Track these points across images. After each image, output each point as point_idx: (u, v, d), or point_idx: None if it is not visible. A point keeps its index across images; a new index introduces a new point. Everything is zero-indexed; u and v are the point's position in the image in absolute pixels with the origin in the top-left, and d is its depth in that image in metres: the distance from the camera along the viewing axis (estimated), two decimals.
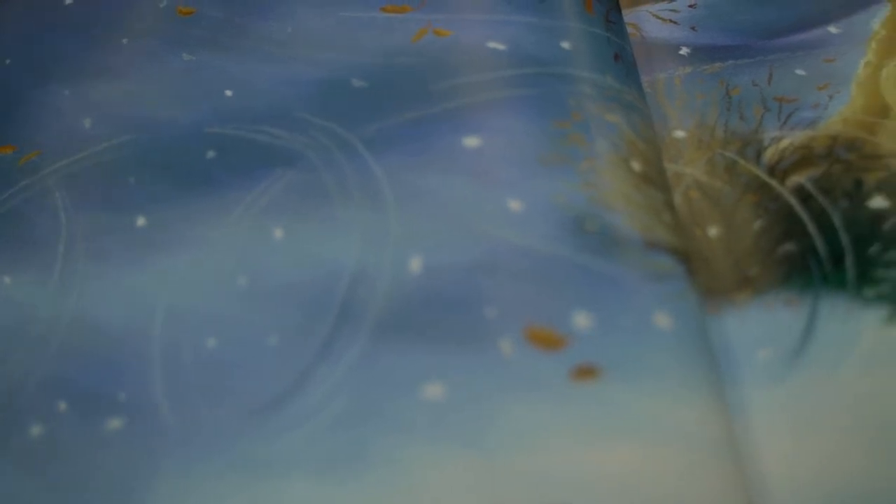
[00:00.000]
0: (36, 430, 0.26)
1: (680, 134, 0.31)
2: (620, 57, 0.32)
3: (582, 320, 0.26)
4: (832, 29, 0.34)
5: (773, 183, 0.30)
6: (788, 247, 0.28)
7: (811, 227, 0.29)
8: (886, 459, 0.25)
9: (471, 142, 0.30)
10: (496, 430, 0.25)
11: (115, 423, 0.26)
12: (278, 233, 0.29)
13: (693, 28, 0.34)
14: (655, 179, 0.29)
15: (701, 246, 0.29)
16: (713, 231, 0.29)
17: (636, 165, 0.29)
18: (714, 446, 0.24)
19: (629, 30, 0.34)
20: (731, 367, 0.27)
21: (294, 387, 0.26)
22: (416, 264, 0.27)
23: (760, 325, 0.27)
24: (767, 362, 0.26)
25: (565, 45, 0.32)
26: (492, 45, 0.32)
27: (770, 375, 0.26)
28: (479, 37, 0.32)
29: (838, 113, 0.31)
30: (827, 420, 0.25)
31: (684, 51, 0.34)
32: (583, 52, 0.31)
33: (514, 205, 0.28)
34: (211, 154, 0.31)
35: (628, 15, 0.35)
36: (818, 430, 0.25)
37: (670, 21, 0.35)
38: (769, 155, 0.30)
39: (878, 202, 0.29)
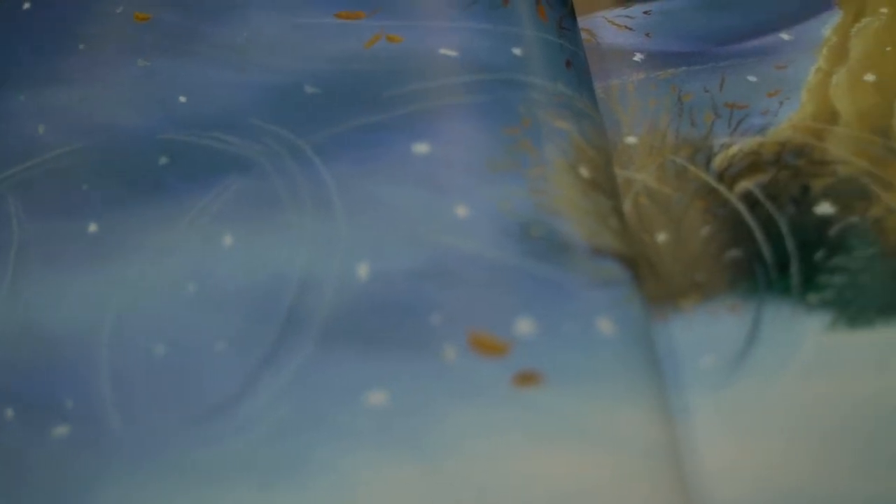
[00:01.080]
0: None
1: (632, 140, 0.32)
2: (573, 63, 0.32)
3: (525, 326, 0.26)
4: (784, 36, 0.34)
5: (722, 189, 0.30)
6: (735, 253, 0.29)
7: (758, 234, 0.29)
8: (827, 465, 0.25)
9: (421, 148, 0.30)
10: (439, 436, 0.25)
11: (61, 431, 0.26)
12: (228, 240, 0.29)
13: (647, 34, 0.34)
14: (604, 185, 0.29)
15: (649, 252, 0.29)
16: (661, 237, 0.29)
17: (585, 172, 0.29)
18: (655, 452, 0.25)
19: (584, 36, 0.34)
20: (675, 373, 0.27)
21: (239, 393, 0.26)
22: (363, 271, 0.28)
23: (705, 330, 0.27)
24: (711, 368, 0.27)
25: (517, 51, 0.32)
26: (444, 51, 0.32)
27: (713, 381, 0.26)
28: (431, 43, 0.32)
29: (788, 119, 0.31)
30: (768, 426, 0.26)
31: (638, 57, 0.34)
32: (534, 58, 0.31)
33: (462, 211, 0.28)
34: (164, 160, 0.31)
35: (584, 21, 0.35)
36: (760, 436, 0.26)
37: (625, 27, 0.35)
38: (718, 161, 0.31)
39: (824, 208, 0.29)
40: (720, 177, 0.30)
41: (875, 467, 0.25)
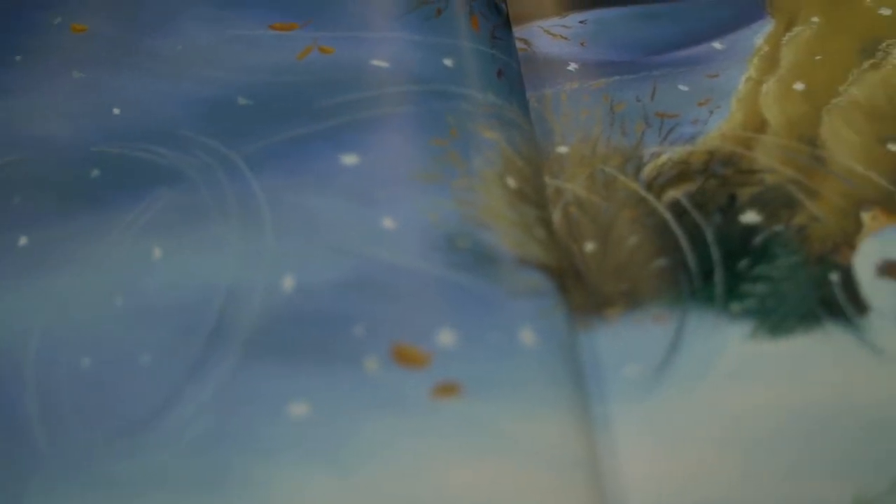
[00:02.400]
0: None
1: (563, 149, 0.32)
2: (504, 73, 0.32)
3: (447, 338, 0.26)
4: (717, 45, 0.34)
5: (650, 198, 0.30)
6: (661, 262, 0.29)
7: (684, 243, 0.29)
8: (748, 473, 0.25)
9: (349, 160, 0.30)
10: (359, 448, 0.25)
11: None
12: (157, 252, 0.29)
13: (582, 44, 0.35)
14: (531, 196, 0.30)
15: (577, 261, 0.29)
16: (589, 247, 0.29)
17: (512, 182, 0.30)
18: (574, 463, 0.25)
19: (520, 45, 0.35)
20: (599, 383, 0.27)
21: (163, 406, 0.26)
22: (288, 283, 0.28)
23: (629, 340, 0.27)
24: (634, 378, 0.27)
25: (448, 62, 0.32)
26: (375, 62, 0.32)
27: (636, 391, 0.27)
28: (362, 54, 0.32)
29: (717, 128, 0.32)
30: (689, 435, 0.26)
31: (572, 66, 0.34)
32: (465, 69, 0.32)
33: (388, 223, 0.28)
34: (95, 173, 0.31)
35: (520, 30, 0.35)
36: (680, 445, 0.26)
37: (561, 37, 0.35)
38: (648, 170, 0.31)
39: (750, 217, 0.29)
40: (649, 186, 0.30)
41: (795, 475, 0.25)
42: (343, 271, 0.28)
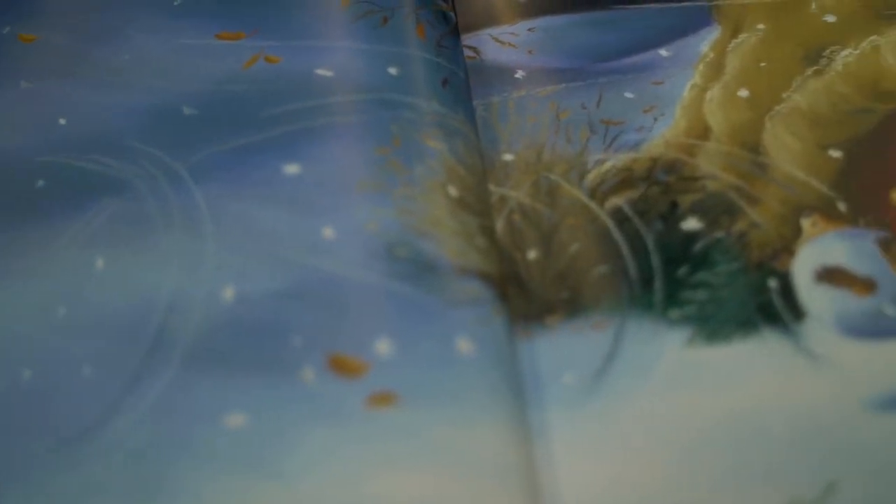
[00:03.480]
0: None
1: (509, 157, 0.32)
2: (450, 81, 0.32)
3: (384, 347, 0.26)
4: (663, 52, 0.34)
5: (592, 205, 0.30)
6: (601, 269, 0.29)
7: (625, 250, 0.29)
8: (684, 480, 0.25)
9: (292, 169, 0.30)
10: (295, 458, 0.25)
11: None
12: (100, 263, 0.29)
13: (530, 51, 0.35)
14: (473, 204, 0.30)
15: (519, 269, 0.29)
16: (532, 254, 0.30)
17: (454, 191, 0.30)
18: (510, 472, 0.25)
19: (469, 53, 0.35)
20: (537, 391, 0.27)
21: (103, 418, 0.26)
22: (228, 293, 0.28)
23: (568, 348, 0.28)
24: (572, 385, 0.27)
25: (393, 70, 0.32)
26: (320, 71, 0.32)
27: (573, 398, 0.27)
28: (308, 63, 0.32)
29: (661, 135, 0.32)
30: (626, 442, 0.26)
31: (520, 74, 0.34)
32: (410, 77, 0.32)
33: (329, 232, 0.28)
34: (41, 183, 0.31)
35: (469, 38, 0.35)
36: (617, 452, 0.26)
37: (509, 44, 0.35)
38: (591, 178, 0.31)
39: (691, 224, 0.30)
40: (592, 193, 0.31)
41: (730, 481, 0.25)
42: (282, 281, 0.28)
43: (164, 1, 0.35)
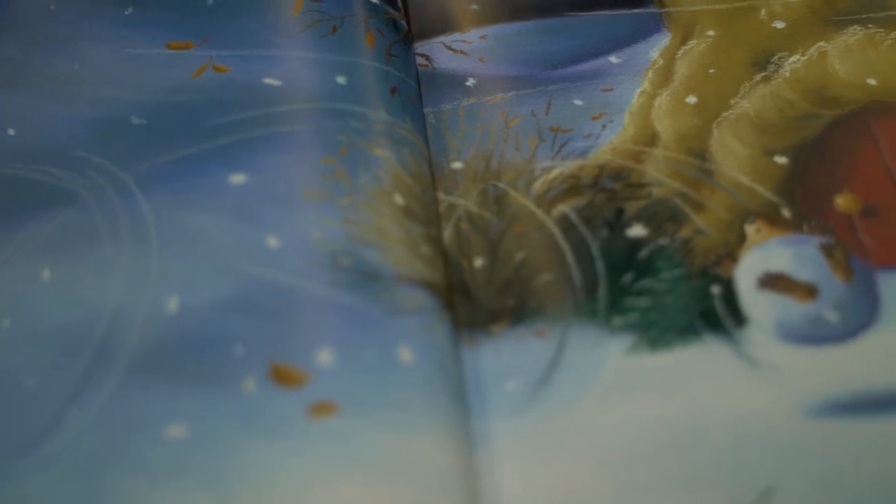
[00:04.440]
0: None
1: (458, 165, 0.32)
2: (399, 90, 0.32)
3: (325, 357, 0.26)
4: (613, 59, 0.34)
5: (539, 213, 0.30)
6: (546, 277, 0.29)
7: (570, 257, 0.29)
8: (624, 487, 0.26)
9: (238, 179, 0.30)
10: (235, 469, 0.25)
11: None
12: (46, 274, 0.29)
13: (481, 59, 0.35)
14: (418, 213, 0.30)
15: (466, 277, 0.29)
16: (478, 262, 0.30)
17: (400, 199, 0.30)
18: (449, 480, 0.25)
19: (421, 61, 0.35)
20: (480, 399, 0.27)
21: (45, 430, 0.26)
22: (172, 304, 0.28)
23: (512, 355, 0.28)
24: (514, 393, 0.27)
25: (341, 79, 0.32)
26: (268, 80, 0.32)
27: (515, 406, 0.27)
28: (256, 72, 0.32)
29: (609, 142, 0.32)
30: (567, 449, 0.26)
31: (471, 82, 0.34)
32: (358, 86, 0.32)
33: (273, 241, 0.29)
34: None
35: (422, 46, 0.35)
36: (558, 460, 0.26)
37: (461, 52, 0.35)
38: (539, 185, 0.31)
39: (636, 230, 0.30)
40: (539, 201, 0.31)
41: (669, 488, 0.25)
42: (226, 291, 0.28)
43: (115, 11, 0.35)
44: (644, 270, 0.29)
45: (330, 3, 0.34)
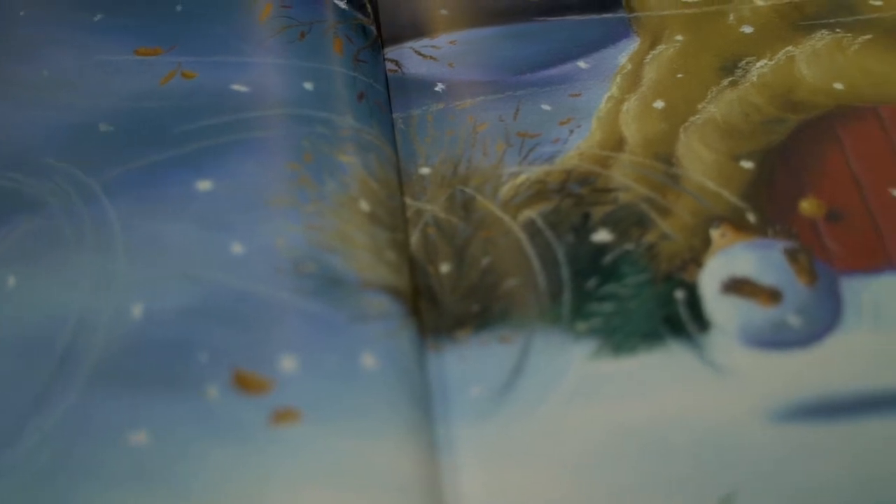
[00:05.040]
0: None
1: (425, 170, 0.32)
2: (366, 95, 0.32)
3: (288, 363, 0.26)
4: (581, 64, 0.34)
5: (506, 218, 0.30)
6: (511, 282, 0.29)
7: (535, 263, 0.29)
8: (586, 492, 0.26)
9: (204, 185, 0.30)
10: (197, 476, 0.25)
11: None
12: (11, 281, 0.29)
13: (451, 64, 0.35)
14: (384, 219, 0.30)
15: (432, 283, 0.29)
16: (445, 268, 0.30)
17: (365, 205, 0.30)
18: (411, 486, 0.25)
19: (391, 66, 0.35)
20: (444, 405, 0.27)
21: (9, 437, 0.26)
22: (137, 311, 0.28)
23: (476, 361, 0.28)
24: (478, 399, 0.27)
25: (308, 86, 0.32)
26: (235, 87, 0.32)
27: (479, 412, 0.27)
28: (223, 79, 0.32)
29: (576, 147, 0.32)
30: (530, 455, 0.26)
31: (440, 87, 0.34)
32: (325, 93, 0.32)
33: (237, 248, 0.29)
34: None
35: (392, 51, 0.35)
36: (521, 466, 0.26)
37: (430, 57, 0.35)
38: (505, 190, 0.31)
39: (602, 236, 0.30)
40: (506, 206, 0.31)
41: (631, 493, 0.26)
42: (191, 298, 0.28)
43: (84, 17, 0.35)
44: (609, 276, 0.29)
45: (298, 10, 0.34)
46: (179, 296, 0.28)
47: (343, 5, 0.35)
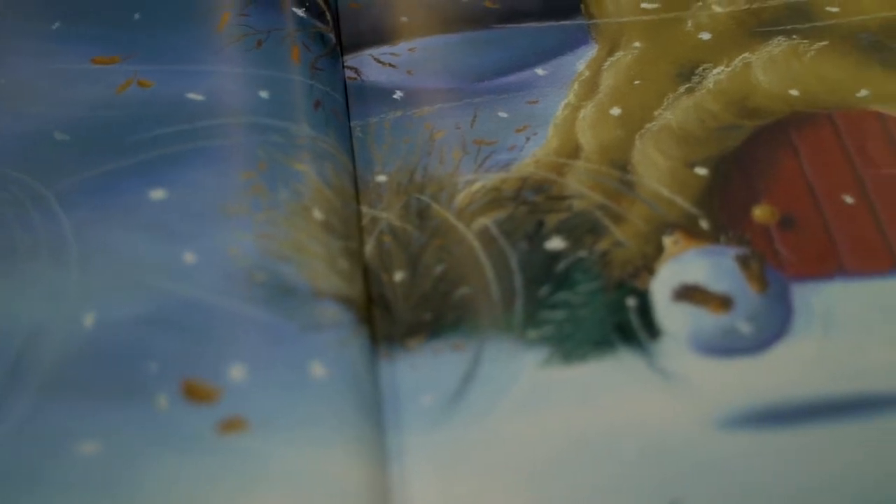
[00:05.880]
0: None
1: (382, 178, 0.32)
2: (323, 104, 0.33)
3: (237, 372, 0.26)
4: (540, 71, 0.34)
5: (460, 226, 0.30)
6: (464, 290, 0.29)
7: (488, 270, 0.29)
8: (536, 498, 0.26)
9: (158, 194, 0.30)
10: (145, 486, 0.25)
11: None
12: None
13: (409, 72, 0.35)
14: (338, 227, 0.30)
15: (385, 291, 0.29)
16: (399, 276, 0.30)
17: (319, 214, 0.30)
18: (360, 494, 0.25)
19: (350, 74, 0.35)
20: (396, 414, 0.27)
21: None
22: (89, 321, 0.28)
23: (428, 369, 0.28)
24: (429, 407, 0.27)
25: (264, 94, 0.32)
26: (191, 95, 0.32)
27: (430, 420, 0.27)
28: (180, 87, 0.32)
29: (532, 155, 0.32)
30: (480, 464, 0.26)
31: (398, 94, 0.34)
32: (280, 101, 0.32)
33: (190, 257, 0.29)
34: None
35: (351, 59, 0.35)
36: (471, 475, 0.26)
37: (389, 65, 0.35)
38: (461, 198, 0.31)
39: (555, 243, 0.30)
40: (460, 214, 0.31)
41: (583, 499, 0.26)
42: (142, 307, 0.28)
43: (42, 25, 0.35)
44: (561, 283, 0.29)
45: (256, 18, 0.34)
46: (131, 305, 0.28)
47: (302, 13, 0.35)
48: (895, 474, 0.25)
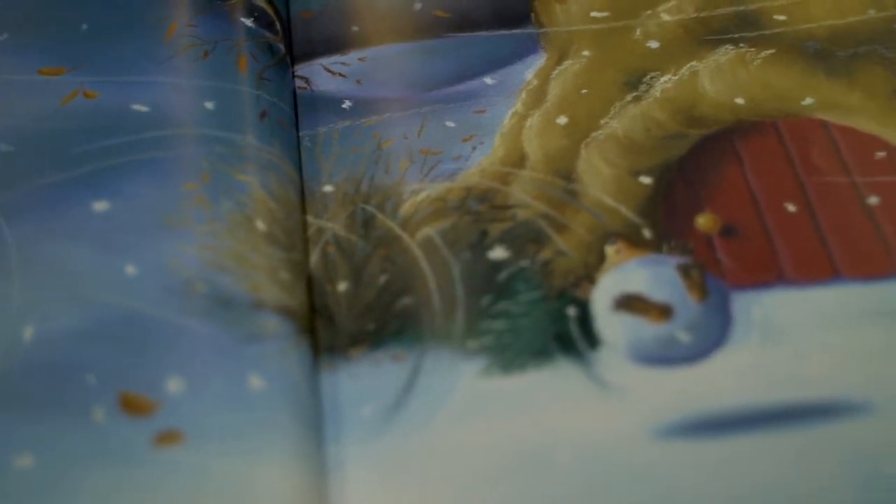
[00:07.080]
0: None
1: (329, 188, 0.32)
2: (269, 114, 0.33)
3: (175, 385, 0.26)
4: (488, 80, 0.35)
5: (404, 236, 0.31)
6: (406, 300, 0.29)
7: (431, 280, 0.30)
8: None
9: (101, 206, 0.30)
10: (80, 499, 0.25)
11: None
12: None
13: (359, 81, 0.35)
14: (280, 238, 0.30)
15: (329, 301, 0.29)
16: (343, 286, 0.30)
17: (262, 225, 0.30)
18: None
19: (300, 83, 0.35)
20: (336, 424, 0.27)
21: None
22: (28, 333, 0.28)
23: (368, 380, 0.28)
24: (369, 418, 0.27)
25: (209, 105, 0.32)
26: (136, 106, 0.32)
27: (369, 431, 0.27)
28: (125, 99, 0.32)
29: (478, 164, 0.32)
30: (417, 474, 0.26)
31: (347, 104, 0.34)
32: (225, 112, 0.32)
33: (131, 269, 0.29)
34: None
35: (302, 68, 0.35)
36: (408, 485, 0.26)
37: (339, 74, 0.35)
38: (406, 208, 0.31)
39: (498, 253, 0.30)
40: (405, 223, 0.31)
41: None
42: (82, 320, 0.28)
43: None
44: (503, 293, 0.29)
45: (204, 28, 0.34)
46: (70, 318, 0.28)
47: (250, 23, 0.35)
48: (829, 483, 0.25)
